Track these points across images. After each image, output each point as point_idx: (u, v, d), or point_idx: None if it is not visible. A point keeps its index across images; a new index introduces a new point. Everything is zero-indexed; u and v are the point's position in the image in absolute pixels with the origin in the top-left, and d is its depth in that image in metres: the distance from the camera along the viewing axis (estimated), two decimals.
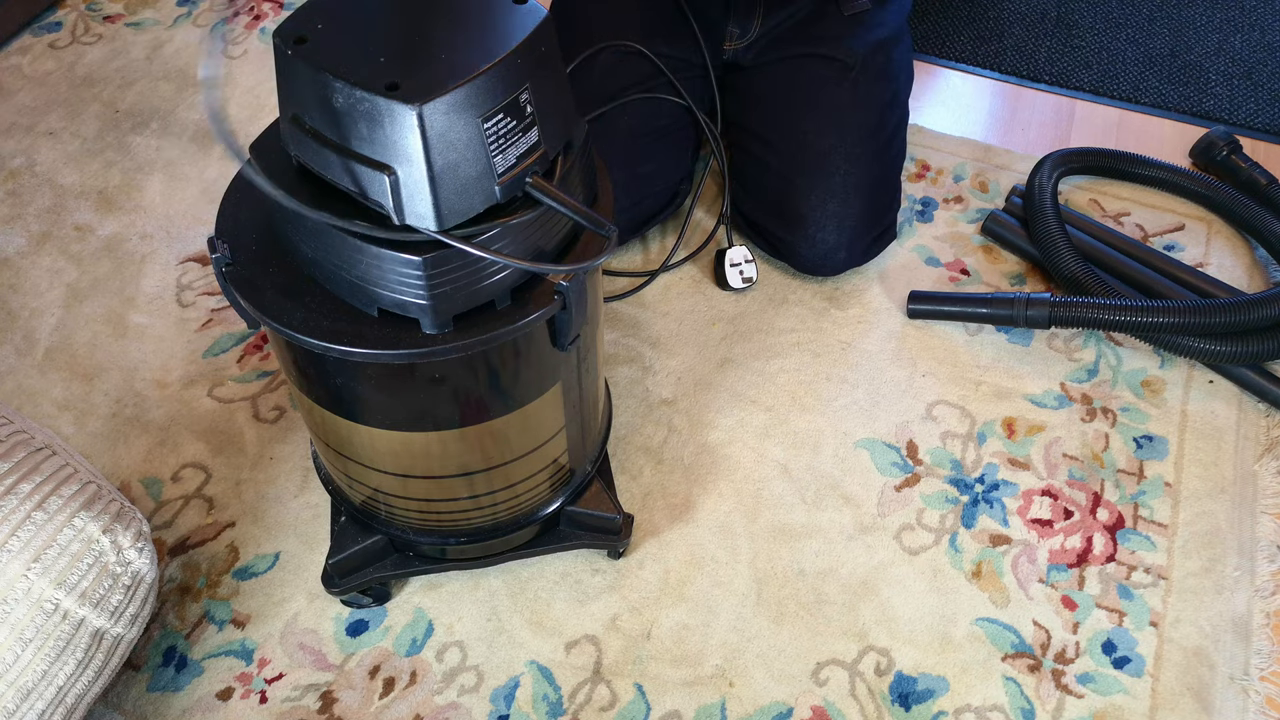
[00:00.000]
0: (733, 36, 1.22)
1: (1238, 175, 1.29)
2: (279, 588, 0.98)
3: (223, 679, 0.93)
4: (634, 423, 1.09)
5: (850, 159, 1.14)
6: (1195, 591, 0.98)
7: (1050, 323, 1.11)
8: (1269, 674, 0.93)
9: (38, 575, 0.74)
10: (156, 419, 1.10)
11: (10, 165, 1.36)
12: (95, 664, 0.80)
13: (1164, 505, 1.04)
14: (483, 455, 0.80)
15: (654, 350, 1.16)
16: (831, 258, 1.16)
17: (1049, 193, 1.22)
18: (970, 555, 1.00)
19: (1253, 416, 1.10)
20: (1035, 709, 0.91)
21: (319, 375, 0.74)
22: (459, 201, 0.62)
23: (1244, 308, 1.06)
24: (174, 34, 1.54)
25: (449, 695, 0.92)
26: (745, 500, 1.04)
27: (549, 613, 0.96)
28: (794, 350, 1.16)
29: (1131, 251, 1.21)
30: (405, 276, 0.63)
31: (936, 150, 1.37)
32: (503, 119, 0.61)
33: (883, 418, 1.10)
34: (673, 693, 0.92)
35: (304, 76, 0.60)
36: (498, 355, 0.72)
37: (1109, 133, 1.41)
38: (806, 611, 0.96)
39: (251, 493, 1.04)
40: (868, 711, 0.91)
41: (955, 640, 0.95)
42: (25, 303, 1.21)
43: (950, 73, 1.50)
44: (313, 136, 0.62)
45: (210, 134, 1.39)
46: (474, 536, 0.90)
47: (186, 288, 1.22)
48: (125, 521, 0.80)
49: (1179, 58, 1.50)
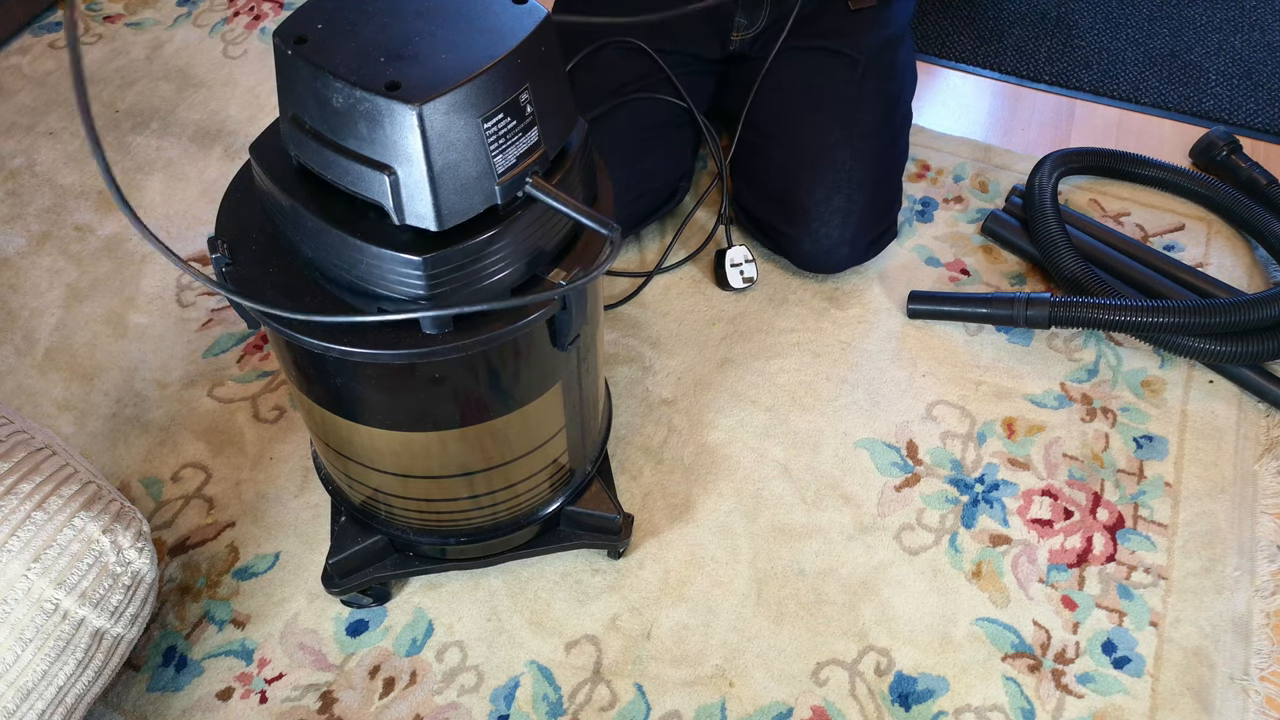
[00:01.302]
0: (740, 27, 1.22)
1: (1238, 175, 1.29)
2: (279, 588, 0.98)
3: (223, 679, 0.93)
4: (634, 423, 1.09)
5: (856, 154, 1.14)
6: (1195, 591, 0.98)
7: (1050, 323, 1.11)
8: (1269, 674, 0.93)
9: (38, 575, 0.74)
10: (156, 419, 1.10)
11: (10, 165, 1.36)
12: (95, 664, 0.80)
13: (1164, 505, 1.04)
14: (483, 455, 0.80)
15: (654, 350, 1.16)
16: (834, 253, 1.16)
17: (1049, 193, 1.22)
18: (970, 555, 1.00)
19: (1253, 416, 1.10)
20: (1035, 709, 0.91)
21: (319, 375, 0.74)
22: (459, 201, 0.62)
23: (1244, 308, 1.06)
24: (174, 34, 1.54)
25: (449, 695, 0.92)
26: (745, 500, 1.04)
27: (549, 613, 0.96)
28: (794, 350, 1.16)
29: (1131, 251, 1.21)
30: (405, 276, 0.63)
31: (936, 150, 1.37)
32: (503, 119, 0.61)
33: (883, 418, 1.10)
34: (673, 693, 0.92)
35: (304, 76, 0.60)
36: (498, 355, 0.72)
37: (1109, 133, 1.41)
38: (806, 611, 0.96)
39: (251, 493, 1.04)
40: (868, 711, 0.91)
41: (955, 640, 0.95)
42: (25, 303, 1.21)
43: (950, 73, 1.50)
44: (313, 136, 0.61)
45: (210, 134, 1.39)
46: (474, 536, 0.90)
47: (186, 288, 1.22)
48: (125, 521, 0.80)
49: (1179, 58, 1.50)
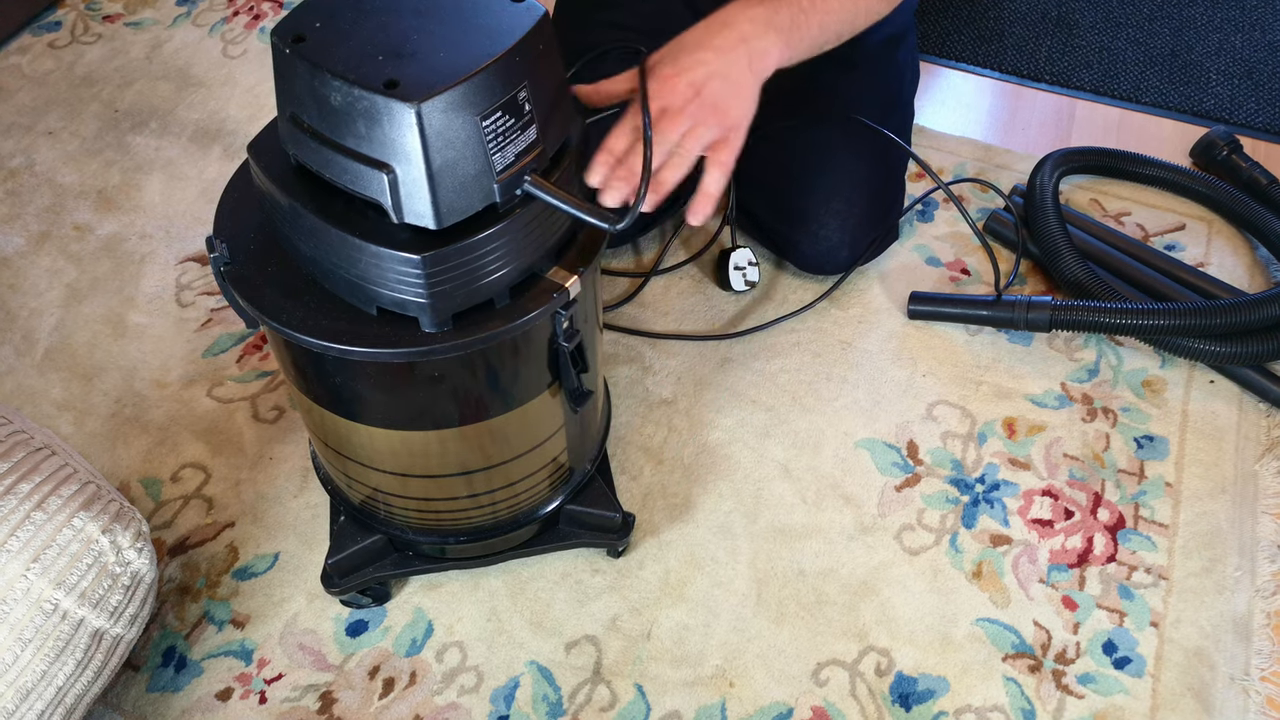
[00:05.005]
0: None
1: (1238, 175, 1.29)
2: (278, 588, 0.98)
3: (222, 679, 0.93)
4: (634, 422, 1.09)
5: (855, 156, 1.14)
6: (1196, 592, 0.98)
7: (1051, 326, 1.11)
8: (1270, 674, 0.93)
9: (37, 575, 0.74)
10: (156, 419, 1.10)
11: (9, 165, 1.36)
12: (94, 664, 0.80)
13: (1165, 505, 1.03)
14: (482, 454, 0.80)
15: (654, 350, 1.15)
16: (834, 255, 1.16)
17: (1050, 192, 1.21)
18: (971, 555, 1.00)
19: (1253, 416, 1.10)
20: (1036, 709, 0.91)
21: (318, 375, 0.74)
22: (458, 200, 0.62)
23: (1245, 308, 1.05)
24: (173, 34, 1.54)
25: (449, 695, 0.92)
26: (745, 500, 1.03)
27: (549, 613, 0.96)
28: (794, 350, 1.15)
29: (1132, 251, 1.20)
30: (404, 275, 0.63)
31: (937, 150, 1.37)
32: (501, 117, 0.60)
33: (883, 418, 1.10)
34: (673, 693, 0.92)
35: (302, 75, 0.60)
36: (497, 354, 0.72)
37: (1109, 132, 1.41)
38: (807, 612, 0.96)
39: (251, 493, 1.04)
40: (868, 712, 0.91)
41: (956, 640, 0.95)
42: (24, 303, 1.21)
43: (951, 72, 1.50)
44: (311, 135, 0.61)
45: (210, 133, 1.39)
46: (473, 535, 0.90)
47: (186, 287, 1.22)
48: (125, 522, 0.80)
49: (1179, 57, 1.50)
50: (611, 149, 0.74)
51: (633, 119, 0.75)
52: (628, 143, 0.74)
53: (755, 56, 0.81)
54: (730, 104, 0.78)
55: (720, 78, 0.78)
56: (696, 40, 0.80)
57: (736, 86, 0.79)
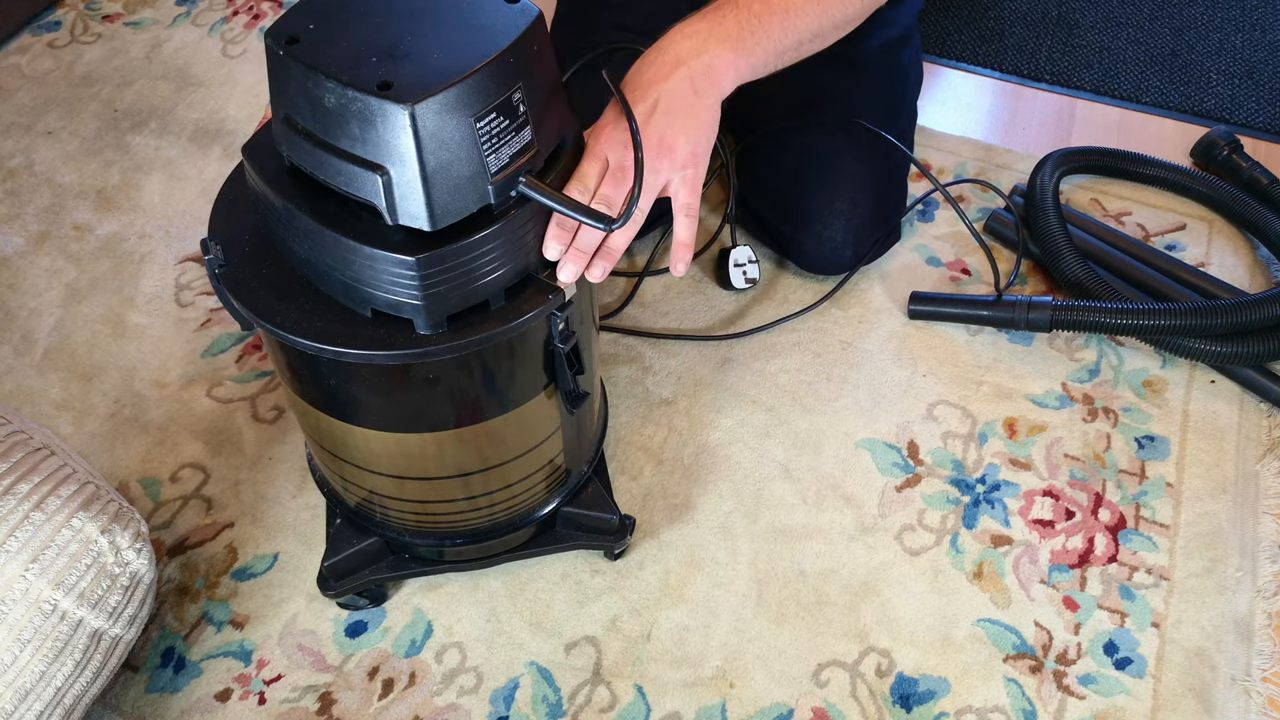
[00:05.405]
0: None
1: (1239, 174, 1.28)
2: (278, 588, 0.98)
3: (221, 680, 0.93)
4: (634, 423, 1.09)
5: (859, 158, 1.14)
6: (1197, 592, 0.97)
7: (1052, 326, 1.11)
8: (1271, 675, 0.92)
9: (36, 575, 0.74)
10: (155, 419, 1.10)
11: (9, 165, 1.36)
12: (93, 665, 0.80)
13: (1165, 506, 1.03)
14: (478, 456, 0.80)
15: (654, 350, 1.15)
16: (837, 256, 1.16)
17: (1050, 192, 1.21)
18: (971, 556, 1.00)
19: (1254, 416, 1.10)
20: (1037, 710, 0.91)
21: (313, 377, 0.74)
22: (452, 201, 0.61)
23: (1245, 308, 1.05)
24: (173, 33, 1.54)
25: (448, 696, 0.91)
26: (745, 501, 1.03)
27: (548, 614, 0.96)
28: (794, 350, 1.15)
29: (1133, 251, 1.20)
30: (399, 277, 0.62)
31: (937, 150, 1.36)
32: (495, 118, 0.60)
33: (884, 418, 1.10)
34: (673, 694, 0.92)
35: (296, 76, 0.60)
36: (492, 356, 0.72)
37: (1110, 132, 1.40)
38: (807, 612, 0.96)
39: (250, 493, 1.04)
40: (869, 713, 0.90)
41: (956, 641, 0.94)
42: (24, 302, 1.21)
43: (951, 72, 1.49)
44: (305, 137, 0.61)
45: (209, 133, 1.39)
46: (470, 538, 0.90)
47: (185, 287, 1.22)
48: (124, 522, 0.80)
49: (1180, 57, 1.50)
50: (561, 222, 0.68)
51: (578, 178, 0.69)
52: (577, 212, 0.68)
53: (699, 76, 0.74)
54: (676, 140, 0.72)
55: (662, 114, 0.72)
56: (632, 77, 0.75)
57: (679, 118, 0.73)
